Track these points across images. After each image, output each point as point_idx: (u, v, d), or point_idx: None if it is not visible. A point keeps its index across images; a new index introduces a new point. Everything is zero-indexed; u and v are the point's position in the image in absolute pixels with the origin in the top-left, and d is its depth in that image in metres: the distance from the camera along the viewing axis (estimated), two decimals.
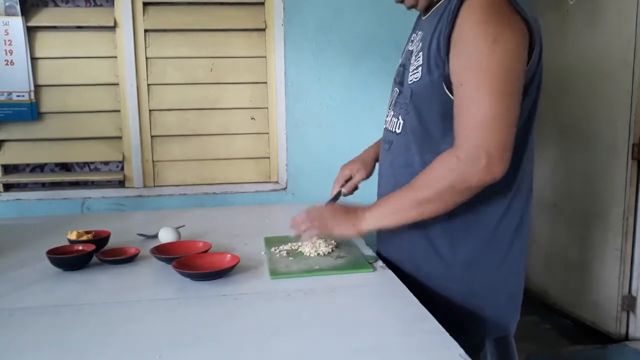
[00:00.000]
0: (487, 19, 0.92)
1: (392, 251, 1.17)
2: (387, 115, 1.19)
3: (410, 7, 1.13)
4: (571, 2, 2.48)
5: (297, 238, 1.17)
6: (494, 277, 1.06)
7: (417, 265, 1.10)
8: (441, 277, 1.07)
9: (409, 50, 1.14)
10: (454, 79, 0.97)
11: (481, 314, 1.06)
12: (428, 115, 1.04)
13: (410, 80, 1.07)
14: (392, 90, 1.19)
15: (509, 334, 1.12)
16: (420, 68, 1.03)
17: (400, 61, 1.21)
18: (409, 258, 1.12)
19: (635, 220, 2.23)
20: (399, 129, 1.11)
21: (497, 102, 0.92)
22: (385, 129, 1.19)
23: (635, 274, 2.24)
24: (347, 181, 1.37)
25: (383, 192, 1.16)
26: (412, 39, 1.16)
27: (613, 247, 2.28)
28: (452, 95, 0.98)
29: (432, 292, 1.07)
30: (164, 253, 1.18)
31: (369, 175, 1.38)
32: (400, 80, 1.15)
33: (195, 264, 1.09)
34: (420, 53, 1.04)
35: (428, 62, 1.01)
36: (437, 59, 0.99)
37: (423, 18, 1.14)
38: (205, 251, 1.19)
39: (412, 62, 1.08)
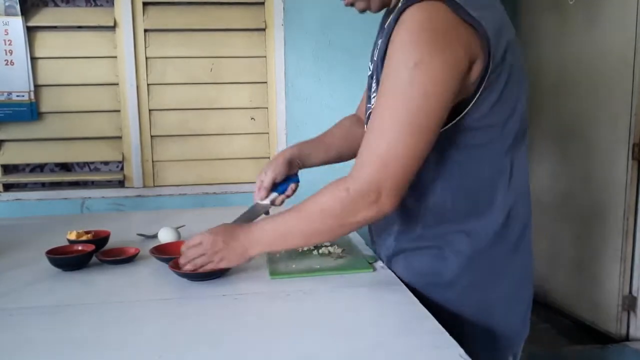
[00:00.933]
0: (412, 39, 0.82)
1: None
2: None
3: (362, 11, 1.05)
4: (571, 2, 2.48)
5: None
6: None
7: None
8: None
9: (368, 74, 1.07)
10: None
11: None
12: None
13: (371, 104, 1.00)
14: (369, 109, 1.08)
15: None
16: (375, 91, 0.96)
17: (370, 68, 1.12)
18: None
19: (635, 220, 2.23)
20: None
21: (401, 138, 0.84)
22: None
23: (635, 274, 2.24)
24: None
25: None
26: (376, 44, 1.09)
27: (613, 247, 2.28)
28: None
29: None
30: (164, 253, 1.18)
31: (281, 174, 1.24)
32: (369, 95, 1.06)
33: None
34: (375, 74, 0.97)
35: (377, 83, 0.94)
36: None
37: (384, 21, 1.05)
38: None
39: (372, 85, 1.01)
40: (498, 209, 0.97)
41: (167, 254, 1.17)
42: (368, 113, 1.03)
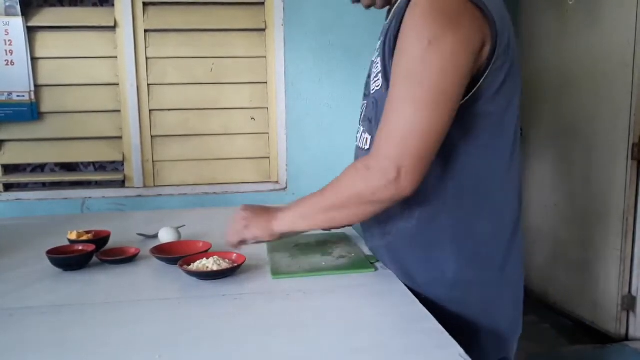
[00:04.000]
0: (425, 19, 0.84)
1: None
2: (358, 132, 1.12)
3: (368, 7, 1.08)
4: (571, 2, 2.48)
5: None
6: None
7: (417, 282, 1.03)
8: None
9: (372, 59, 1.07)
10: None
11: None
12: None
13: (373, 90, 1.01)
14: (361, 105, 1.13)
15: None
16: (380, 75, 0.97)
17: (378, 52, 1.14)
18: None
19: (635, 220, 2.23)
20: (366, 144, 1.04)
21: (419, 113, 0.85)
22: (356, 146, 1.12)
23: (635, 274, 2.24)
24: None
25: None
26: (377, 46, 1.10)
27: (613, 247, 2.28)
28: None
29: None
30: (164, 253, 1.18)
31: None
32: (366, 92, 1.09)
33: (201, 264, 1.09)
34: (379, 59, 0.98)
35: (384, 68, 0.95)
36: (390, 63, 0.93)
37: (385, 22, 1.07)
38: (206, 251, 1.19)
39: (373, 70, 1.03)
40: (500, 205, 0.98)
41: (168, 254, 1.17)
42: (373, 92, 1.03)
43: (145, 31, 2.17)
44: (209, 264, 1.07)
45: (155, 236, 1.37)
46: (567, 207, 2.56)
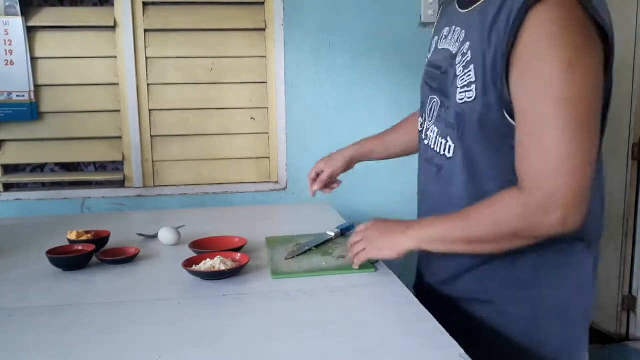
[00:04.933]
0: (561, 37, 0.77)
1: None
2: (426, 129, 1.05)
3: None
4: None
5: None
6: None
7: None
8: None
9: (447, 50, 0.96)
10: (517, 104, 0.82)
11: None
12: (478, 143, 0.90)
13: (461, 99, 0.90)
14: (428, 97, 1.04)
15: None
16: (473, 86, 0.87)
17: (429, 59, 1.07)
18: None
19: (635, 220, 2.23)
20: (449, 152, 0.96)
21: (573, 139, 0.77)
22: (428, 145, 1.04)
23: (635, 274, 2.25)
24: (316, 178, 1.39)
25: (424, 211, 1.09)
26: (446, 34, 0.99)
27: (613, 247, 2.28)
28: (514, 121, 0.85)
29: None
30: (203, 247, 1.21)
31: (339, 171, 1.37)
32: (440, 88, 0.98)
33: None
34: (472, 66, 0.87)
35: (484, 79, 0.85)
36: (494, 76, 0.83)
37: (462, 10, 0.95)
38: (240, 248, 1.20)
39: (458, 72, 0.91)
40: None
41: (206, 248, 1.20)
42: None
43: (145, 31, 2.17)
44: (215, 264, 1.07)
45: (155, 236, 1.37)
46: None
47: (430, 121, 1.03)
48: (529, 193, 0.81)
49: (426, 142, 1.05)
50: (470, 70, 0.88)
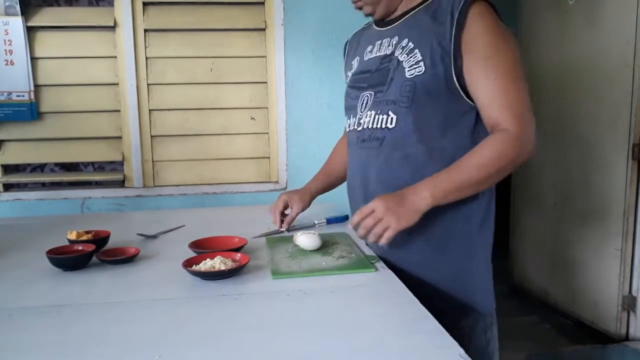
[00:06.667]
0: (497, 24, 1.08)
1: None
2: (358, 120, 1.23)
3: (368, 15, 1.23)
4: (571, 2, 2.48)
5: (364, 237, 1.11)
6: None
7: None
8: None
9: (377, 56, 1.21)
10: (473, 72, 1.07)
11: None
12: (431, 105, 1.11)
13: (411, 74, 1.12)
14: (358, 96, 1.23)
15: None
16: (422, 63, 1.11)
17: (353, 72, 1.30)
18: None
19: (635, 220, 2.23)
20: (391, 124, 1.15)
21: (525, 89, 1.07)
22: (363, 129, 1.21)
23: (635, 274, 2.24)
24: (283, 211, 1.44)
25: (372, 191, 1.18)
26: (370, 49, 1.25)
27: (613, 247, 2.28)
28: (459, 86, 1.09)
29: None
30: (202, 247, 1.19)
31: (304, 208, 1.46)
32: (372, 84, 1.20)
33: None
34: (417, 50, 1.12)
35: (432, 57, 1.09)
36: (442, 54, 1.08)
37: (385, 28, 1.23)
38: (240, 248, 1.20)
39: (401, 59, 1.15)
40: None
41: (205, 248, 1.19)
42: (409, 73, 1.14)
43: (145, 31, 2.17)
44: (215, 264, 1.07)
45: (155, 236, 1.37)
46: (567, 207, 2.56)
47: (362, 112, 1.22)
48: (513, 130, 1.04)
49: (359, 129, 1.22)
50: (415, 54, 1.12)
